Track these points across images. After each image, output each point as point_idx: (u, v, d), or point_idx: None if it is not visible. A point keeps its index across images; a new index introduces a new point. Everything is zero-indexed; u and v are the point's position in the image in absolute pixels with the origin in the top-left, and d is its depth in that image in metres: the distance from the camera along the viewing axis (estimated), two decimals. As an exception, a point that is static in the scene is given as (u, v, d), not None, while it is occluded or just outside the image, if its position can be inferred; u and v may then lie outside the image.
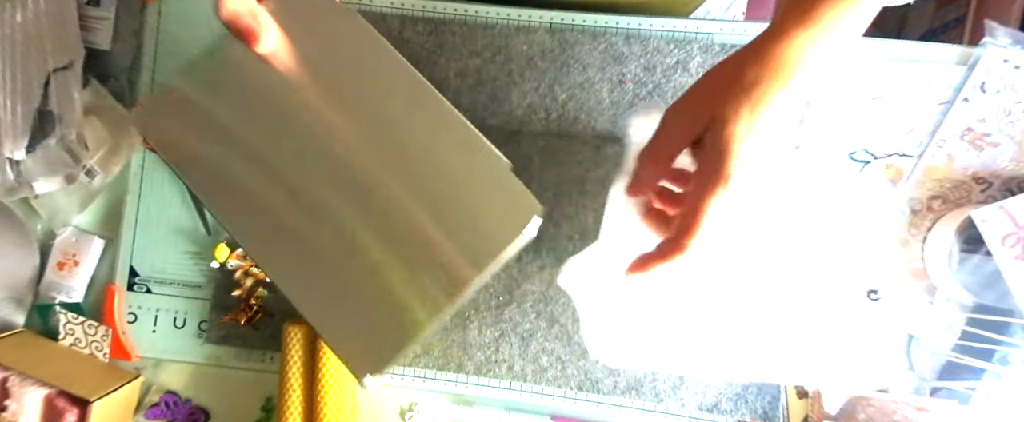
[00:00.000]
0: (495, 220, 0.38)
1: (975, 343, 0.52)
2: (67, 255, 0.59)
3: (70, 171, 0.55)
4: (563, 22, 0.58)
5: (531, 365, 0.57)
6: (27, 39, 0.53)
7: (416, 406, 0.58)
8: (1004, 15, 1.03)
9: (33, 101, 0.53)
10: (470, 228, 0.38)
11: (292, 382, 0.54)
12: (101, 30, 0.59)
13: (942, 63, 0.55)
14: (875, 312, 0.54)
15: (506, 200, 0.39)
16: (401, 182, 0.39)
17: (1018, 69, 0.53)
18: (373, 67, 0.40)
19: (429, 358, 0.57)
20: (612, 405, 0.56)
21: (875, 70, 0.55)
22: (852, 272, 0.53)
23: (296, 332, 0.54)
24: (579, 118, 0.57)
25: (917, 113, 0.55)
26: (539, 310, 0.57)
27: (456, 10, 0.59)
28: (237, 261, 0.58)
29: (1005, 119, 0.54)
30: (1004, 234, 0.48)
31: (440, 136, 0.39)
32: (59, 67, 0.54)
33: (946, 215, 0.54)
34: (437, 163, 0.39)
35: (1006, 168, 0.54)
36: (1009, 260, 0.48)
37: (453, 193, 0.39)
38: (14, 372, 0.54)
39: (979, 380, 0.51)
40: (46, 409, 0.54)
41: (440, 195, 0.39)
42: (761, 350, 0.51)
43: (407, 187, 0.39)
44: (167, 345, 0.60)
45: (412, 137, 0.39)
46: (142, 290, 0.60)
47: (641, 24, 0.57)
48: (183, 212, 0.60)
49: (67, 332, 0.59)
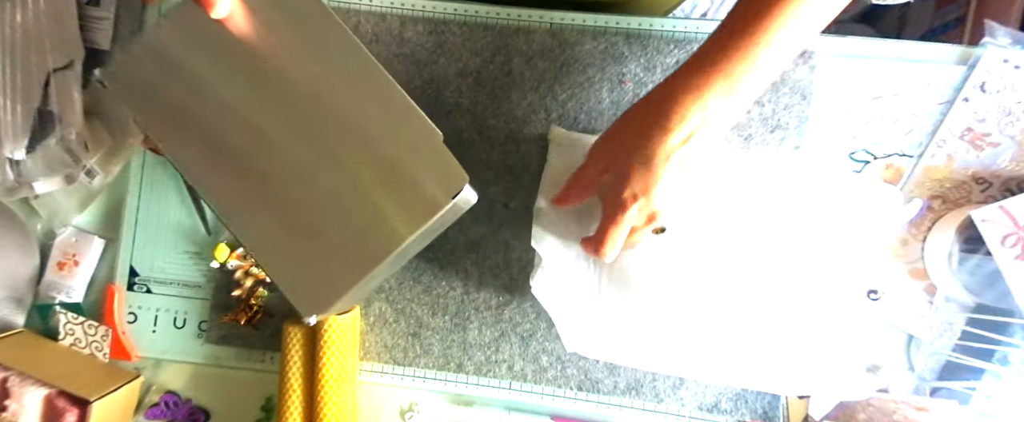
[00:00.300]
0: (428, 187, 0.43)
1: (975, 343, 0.52)
2: (67, 255, 0.59)
3: (70, 171, 0.55)
4: (563, 22, 0.58)
5: (531, 365, 0.57)
6: (27, 39, 0.53)
7: (416, 406, 0.58)
8: (1004, 15, 1.03)
9: (33, 101, 0.53)
10: (405, 191, 0.43)
11: (292, 382, 0.54)
12: (101, 30, 0.59)
13: (942, 63, 0.55)
14: (875, 312, 0.54)
15: (440, 169, 0.43)
16: (342, 144, 0.43)
17: (1018, 69, 0.53)
18: (321, 39, 0.43)
19: (429, 358, 0.57)
20: (612, 405, 0.56)
21: (875, 70, 0.55)
22: (852, 273, 0.53)
23: (296, 332, 0.54)
24: (579, 118, 0.57)
25: (917, 113, 0.55)
26: (539, 310, 0.57)
27: (456, 10, 0.59)
28: (237, 261, 0.58)
29: (1005, 119, 0.54)
30: (1004, 234, 0.48)
31: (380, 106, 0.43)
32: (59, 67, 0.54)
33: (946, 215, 0.54)
34: (376, 129, 0.43)
35: (1006, 168, 0.54)
36: (1009, 260, 0.48)
37: (390, 157, 0.43)
38: (14, 372, 0.54)
39: (979, 380, 0.51)
40: (46, 409, 0.54)
41: (378, 159, 0.43)
42: (751, 354, 0.51)
43: (348, 149, 0.43)
44: (167, 345, 0.60)
45: (354, 105, 0.43)
46: (142, 290, 0.60)
47: (641, 24, 0.57)
48: (183, 212, 0.60)
49: (67, 332, 0.59)
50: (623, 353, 0.51)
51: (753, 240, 0.51)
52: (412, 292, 0.58)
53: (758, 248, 0.51)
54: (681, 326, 0.51)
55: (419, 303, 0.58)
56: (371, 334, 0.58)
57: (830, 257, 0.52)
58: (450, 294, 0.57)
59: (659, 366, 0.52)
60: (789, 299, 0.51)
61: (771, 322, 0.51)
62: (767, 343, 0.51)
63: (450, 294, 0.57)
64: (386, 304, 0.58)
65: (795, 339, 0.51)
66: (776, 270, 0.51)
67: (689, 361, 0.51)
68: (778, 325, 0.51)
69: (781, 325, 0.51)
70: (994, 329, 0.51)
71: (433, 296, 0.58)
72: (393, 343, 0.58)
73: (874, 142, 0.55)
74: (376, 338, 0.58)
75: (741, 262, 0.51)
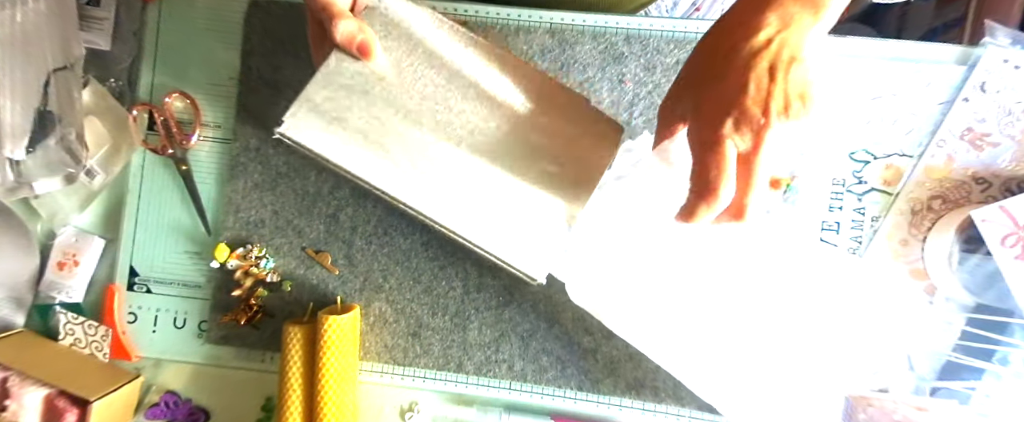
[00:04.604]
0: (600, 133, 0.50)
1: (975, 343, 0.52)
2: (67, 255, 0.59)
3: (70, 171, 0.55)
4: (563, 22, 0.58)
5: (531, 365, 0.57)
6: (27, 39, 0.53)
7: (416, 406, 0.58)
8: (1004, 15, 1.03)
9: (33, 101, 0.53)
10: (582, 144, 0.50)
11: (292, 382, 0.54)
12: (101, 30, 0.59)
13: (942, 63, 0.55)
14: (875, 312, 0.54)
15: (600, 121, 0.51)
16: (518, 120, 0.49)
17: (1018, 69, 0.53)
18: (458, 51, 0.50)
19: (429, 358, 0.57)
20: (612, 405, 0.56)
21: (875, 70, 0.55)
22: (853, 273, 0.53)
23: (296, 332, 0.54)
24: (579, 118, 0.57)
25: (917, 113, 0.55)
26: (539, 310, 0.57)
27: (456, 10, 0.59)
28: (237, 261, 0.58)
29: (1005, 119, 0.54)
30: (1004, 234, 0.48)
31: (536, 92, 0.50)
32: (59, 67, 0.54)
33: (946, 215, 0.54)
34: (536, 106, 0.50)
35: (1006, 168, 0.54)
36: (1009, 260, 0.48)
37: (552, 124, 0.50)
38: (14, 372, 0.54)
39: (979, 380, 0.51)
40: (46, 409, 0.54)
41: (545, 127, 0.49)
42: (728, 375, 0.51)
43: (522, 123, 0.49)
44: (167, 345, 0.60)
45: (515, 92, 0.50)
46: (142, 290, 0.60)
47: (641, 24, 0.57)
48: (183, 212, 0.60)
49: (67, 332, 0.59)
50: (619, 318, 0.51)
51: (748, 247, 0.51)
52: (412, 292, 0.58)
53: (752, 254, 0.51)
54: (677, 318, 0.51)
55: (419, 303, 0.58)
56: (371, 334, 0.58)
57: (830, 258, 0.52)
58: (450, 294, 0.57)
59: (645, 344, 0.52)
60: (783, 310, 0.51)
61: (752, 354, 0.51)
62: (744, 370, 0.51)
63: (450, 294, 0.57)
64: (386, 304, 0.58)
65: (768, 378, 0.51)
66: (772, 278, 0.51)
67: (672, 353, 0.51)
68: (757, 359, 0.51)
69: (760, 359, 0.51)
70: (994, 329, 0.51)
71: (433, 296, 0.58)
72: (393, 343, 0.58)
73: (874, 142, 0.55)
74: (376, 338, 0.58)
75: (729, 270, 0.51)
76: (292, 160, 0.59)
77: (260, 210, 0.59)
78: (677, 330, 0.51)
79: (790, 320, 0.51)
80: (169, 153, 0.59)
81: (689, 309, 0.50)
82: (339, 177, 0.49)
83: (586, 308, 0.52)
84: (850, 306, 0.52)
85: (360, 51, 0.46)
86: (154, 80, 0.60)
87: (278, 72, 0.59)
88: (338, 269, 0.58)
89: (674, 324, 0.51)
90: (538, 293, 0.57)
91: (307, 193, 0.58)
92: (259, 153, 0.59)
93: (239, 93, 0.59)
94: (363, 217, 0.58)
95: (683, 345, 0.51)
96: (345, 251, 0.58)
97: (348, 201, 0.58)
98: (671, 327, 0.51)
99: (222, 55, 0.60)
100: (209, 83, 0.60)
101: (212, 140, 0.60)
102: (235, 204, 0.59)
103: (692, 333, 0.50)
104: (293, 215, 0.58)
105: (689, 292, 0.51)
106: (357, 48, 0.46)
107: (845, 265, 0.53)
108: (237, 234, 0.59)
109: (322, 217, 0.58)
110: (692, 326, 0.51)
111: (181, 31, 0.61)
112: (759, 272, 0.51)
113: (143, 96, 0.60)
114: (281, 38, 0.59)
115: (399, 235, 0.58)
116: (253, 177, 0.59)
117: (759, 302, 0.51)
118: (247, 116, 0.59)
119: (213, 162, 0.60)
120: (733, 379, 0.51)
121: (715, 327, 0.51)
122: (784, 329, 0.51)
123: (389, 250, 0.58)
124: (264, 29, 0.59)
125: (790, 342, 0.51)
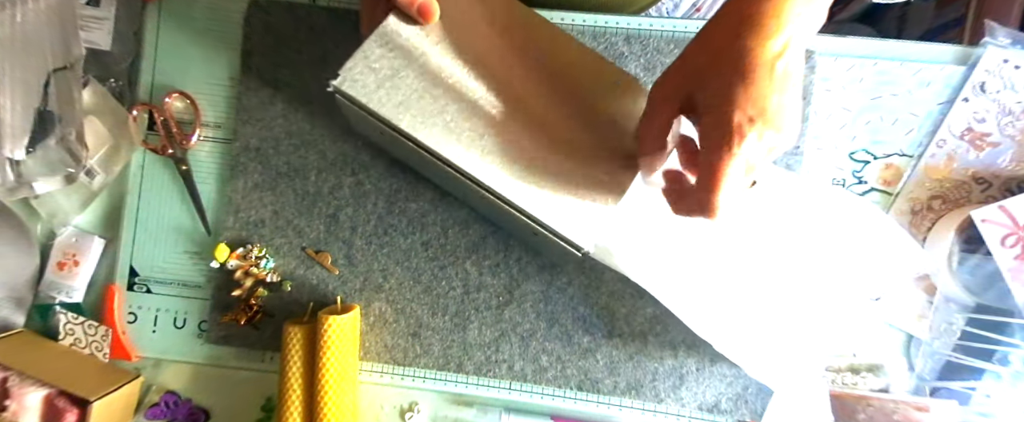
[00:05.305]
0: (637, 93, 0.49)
1: (975, 343, 0.52)
2: (67, 255, 0.59)
3: (70, 171, 0.55)
4: (563, 22, 0.58)
5: (531, 365, 0.57)
6: (27, 39, 0.53)
7: (416, 406, 0.58)
8: (1004, 15, 1.03)
9: (33, 101, 0.53)
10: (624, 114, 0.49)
11: (292, 382, 0.54)
12: (101, 30, 0.59)
13: (942, 63, 0.55)
14: (875, 312, 0.54)
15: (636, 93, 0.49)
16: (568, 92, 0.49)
17: (1018, 69, 0.53)
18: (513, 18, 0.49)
19: (429, 358, 0.57)
20: (612, 405, 0.56)
21: (875, 70, 0.55)
22: (853, 274, 0.53)
23: (296, 332, 0.54)
24: (579, 118, 0.57)
25: (917, 113, 0.55)
26: (539, 310, 0.57)
27: (456, 10, 0.59)
28: (237, 261, 0.58)
29: (1005, 119, 0.54)
30: (1004, 234, 0.48)
31: (581, 63, 0.49)
32: (59, 67, 0.54)
33: (946, 215, 0.54)
34: (584, 80, 0.49)
35: (1006, 168, 0.54)
36: (1009, 260, 0.48)
37: (596, 97, 0.49)
38: (14, 372, 0.54)
39: (979, 380, 0.51)
40: (46, 409, 0.54)
41: (585, 100, 0.49)
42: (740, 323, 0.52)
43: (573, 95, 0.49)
44: (167, 345, 0.60)
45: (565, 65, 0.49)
46: (142, 290, 0.60)
47: (641, 24, 0.57)
48: (183, 212, 0.60)
49: (67, 332, 0.59)
50: (631, 261, 0.52)
51: (755, 241, 0.52)
52: (412, 292, 0.58)
53: (758, 249, 0.52)
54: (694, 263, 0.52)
55: (419, 303, 0.58)
56: (371, 334, 0.58)
57: (830, 259, 0.52)
58: (450, 294, 0.57)
59: (657, 288, 0.52)
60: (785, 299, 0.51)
61: (767, 305, 0.52)
62: (756, 318, 0.51)
63: (450, 294, 0.57)
64: (386, 304, 0.58)
65: (781, 327, 0.51)
66: (773, 272, 0.51)
67: (681, 299, 0.52)
68: (771, 310, 0.52)
69: (774, 310, 0.52)
70: (994, 329, 0.51)
71: (433, 296, 0.58)
72: (393, 343, 0.58)
73: (874, 142, 0.55)
74: (376, 338, 0.58)
75: (737, 262, 0.51)
76: (292, 160, 0.59)
77: (260, 210, 0.59)
78: (693, 275, 0.51)
79: (804, 268, 0.52)
80: (169, 153, 0.59)
81: (706, 255, 0.51)
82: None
83: (598, 256, 0.52)
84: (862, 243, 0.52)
85: (421, 13, 0.46)
86: (154, 80, 0.60)
87: (278, 72, 0.59)
88: (338, 269, 0.58)
89: (690, 269, 0.52)
90: (538, 293, 0.57)
91: (307, 193, 0.58)
92: (259, 153, 0.59)
93: (239, 93, 0.59)
94: (363, 217, 0.58)
95: (698, 292, 0.51)
96: (345, 251, 0.58)
97: (348, 201, 0.58)
98: (687, 272, 0.51)
99: (222, 55, 0.60)
100: (209, 83, 0.60)
101: (212, 140, 0.60)
102: (235, 204, 0.59)
103: (707, 279, 0.51)
104: (293, 215, 0.58)
105: (706, 241, 0.52)
106: (417, 11, 0.46)
107: (860, 208, 0.53)
108: (237, 234, 0.59)
109: (322, 217, 0.58)
110: (708, 272, 0.51)
111: (181, 31, 0.61)
112: (778, 221, 0.52)
113: (143, 96, 0.60)
114: (281, 38, 0.59)
115: (399, 235, 0.58)
116: (253, 177, 0.59)
117: (775, 251, 0.52)
118: (247, 116, 0.59)
119: (213, 162, 0.60)
120: (744, 324, 0.51)
121: (730, 274, 0.51)
122: (798, 278, 0.52)
123: (389, 250, 0.58)
124: (264, 29, 0.59)
125: (802, 292, 0.52)
